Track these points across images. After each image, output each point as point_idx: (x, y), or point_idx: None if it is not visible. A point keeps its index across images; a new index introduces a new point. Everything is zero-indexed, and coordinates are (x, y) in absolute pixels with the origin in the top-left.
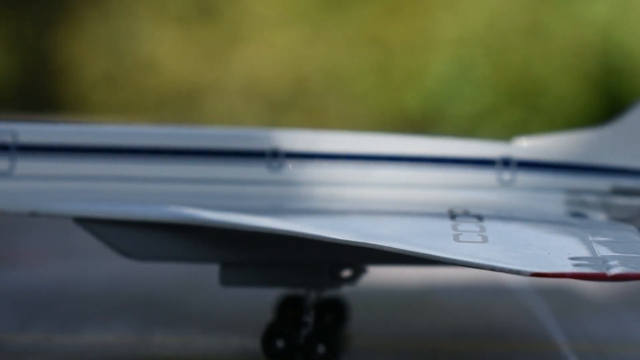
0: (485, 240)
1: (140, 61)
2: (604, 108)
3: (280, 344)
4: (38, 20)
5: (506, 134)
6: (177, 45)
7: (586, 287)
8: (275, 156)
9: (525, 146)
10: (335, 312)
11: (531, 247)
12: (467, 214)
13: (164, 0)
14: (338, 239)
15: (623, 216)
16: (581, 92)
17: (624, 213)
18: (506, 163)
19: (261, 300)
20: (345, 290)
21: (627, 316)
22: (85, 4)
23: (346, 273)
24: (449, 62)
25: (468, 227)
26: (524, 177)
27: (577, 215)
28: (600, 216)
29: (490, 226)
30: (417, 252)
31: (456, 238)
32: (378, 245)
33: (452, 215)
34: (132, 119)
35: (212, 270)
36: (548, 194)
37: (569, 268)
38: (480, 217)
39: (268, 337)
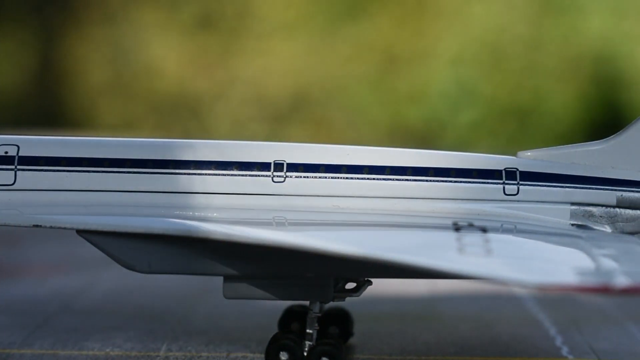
0: (489, 252)
1: (144, 70)
2: (597, 119)
3: (284, 356)
4: (43, 32)
5: (504, 147)
6: (182, 55)
7: (591, 299)
8: (279, 168)
9: (530, 159)
10: (339, 325)
11: (536, 259)
12: (471, 226)
13: (169, 11)
14: (341, 252)
15: (629, 228)
16: (575, 105)
17: (630, 225)
18: (512, 175)
19: (265, 313)
20: (350, 303)
21: (632, 329)
22: (91, 14)
23: (350, 285)
24: (450, 75)
25: (472, 239)
26: (529, 190)
27: (582, 227)
28: (606, 228)
29: (495, 238)
30: (421, 265)
31: (460, 250)
32: (382, 258)
33: (457, 228)
34: (136, 129)
35: (216, 283)
36: (553, 206)
37: (575, 281)
38: (484, 230)
39: (272, 350)
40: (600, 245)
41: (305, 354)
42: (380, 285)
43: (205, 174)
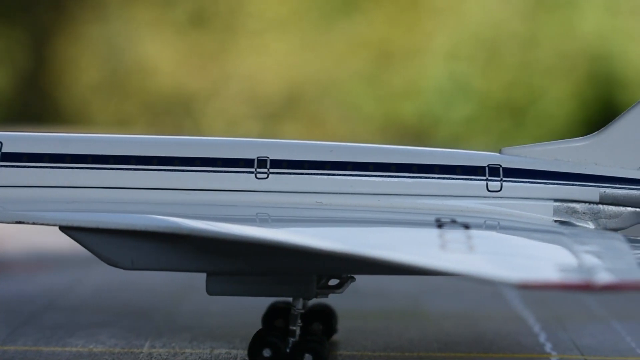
0: (471, 249)
1: (138, 68)
2: (591, 117)
3: (267, 353)
4: (36, 30)
5: (498, 143)
6: (175, 52)
7: (575, 296)
8: (262, 164)
9: (513, 155)
10: (323, 321)
11: (518, 256)
12: (454, 223)
13: (162, 8)
14: (323, 249)
15: (612, 225)
16: (569, 102)
17: (613, 222)
18: (495, 172)
19: (251, 310)
20: (335, 299)
21: (616, 326)
22: (84, 12)
23: (333, 281)
24: (444, 71)
25: (455, 236)
26: (512, 186)
27: (565, 224)
28: (589, 225)
29: (477, 235)
30: (403, 262)
31: (442, 247)
32: (363, 254)
33: (439, 224)
34: (128, 127)
35: (201, 280)
36: (536, 202)
37: (556, 278)
38: (467, 226)
39: (255, 346)
40: (583, 242)
41: (288, 350)
42: (366, 282)
43: (189, 171)
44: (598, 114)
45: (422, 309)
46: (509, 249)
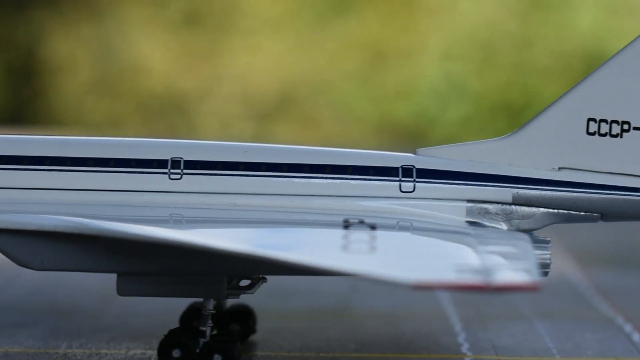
0: (373, 249)
1: (131, 68)
2: None
3: (176, 353)
4: (29, 29)
5: None
6: (168, 52)
7: (504, 295)
8: (176, 165)
9: (427, 156)
10: (241, 322)
11: (418, 256)
12: (361, 224)
13: (156, 8)
14: (224, 249)
15: (525, 226)
16: None
17: (526, 222)
18: (408, 173)
19: (176, 311)
20: (260, 299)
21: (538, 325)
22: (77, 11)
23: (244, 282)
24: (439, 71)
25: (359, 236)
26: (425, 187)
27: (476, 224)
28: (502, 226)
29: (382, 236)
30: (299, 262)
31: (344, 247)
32: (260, 255)
33: (346, 225)
34: (121, 127)
35: None
36: (449, 203)
37: (452, 279)
38: (373, 227)
39: (165, 346)
40: (487, 242)
41: (198, 351)
42: (295, 281)
43: (102, 171)
44: None
45: (350, 308)
46: (412, 249)
